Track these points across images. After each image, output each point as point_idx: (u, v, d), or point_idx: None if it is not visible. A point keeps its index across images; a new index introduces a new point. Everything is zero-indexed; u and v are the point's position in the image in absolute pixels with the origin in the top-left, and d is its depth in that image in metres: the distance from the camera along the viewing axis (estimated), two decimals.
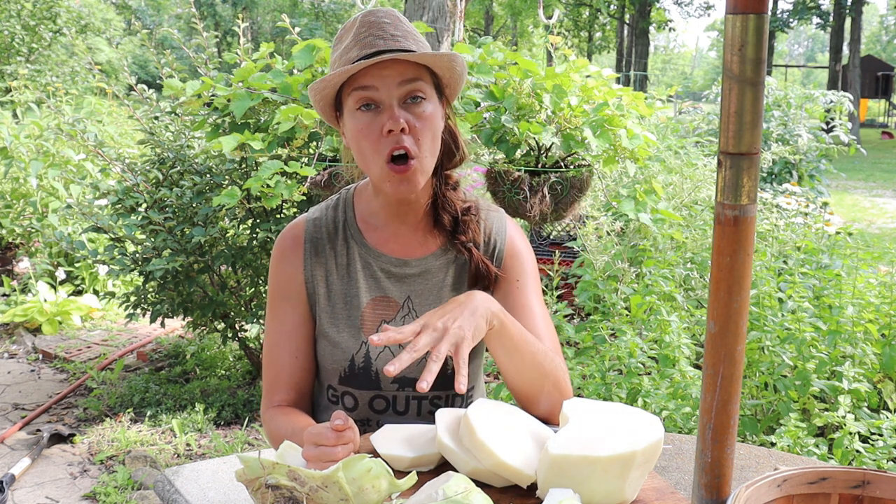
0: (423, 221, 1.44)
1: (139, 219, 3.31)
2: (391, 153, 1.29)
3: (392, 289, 1.42)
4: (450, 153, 1.43)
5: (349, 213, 1.45)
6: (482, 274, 1.44)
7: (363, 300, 1.41)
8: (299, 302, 1.42)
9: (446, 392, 1.44)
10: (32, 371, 4.13)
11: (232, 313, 3.52)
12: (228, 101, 3.03)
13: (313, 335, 1.44)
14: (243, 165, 3.28)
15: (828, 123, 7.22)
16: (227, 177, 3.30)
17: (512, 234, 1.49)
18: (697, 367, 2.83)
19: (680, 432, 2.49)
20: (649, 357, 2.79)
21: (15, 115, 7.00)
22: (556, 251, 4.32)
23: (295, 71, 3.07)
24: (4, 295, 5.21)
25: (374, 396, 1.42)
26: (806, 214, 4.54)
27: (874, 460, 2.30)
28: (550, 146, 3.08)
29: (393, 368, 1.12)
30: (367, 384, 1.41)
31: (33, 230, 5.31)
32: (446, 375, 1.42)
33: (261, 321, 3.42)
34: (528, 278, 1.47)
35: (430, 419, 1.43)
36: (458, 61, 1.33)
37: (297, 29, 3.33)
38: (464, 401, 1.47)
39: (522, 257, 1.48)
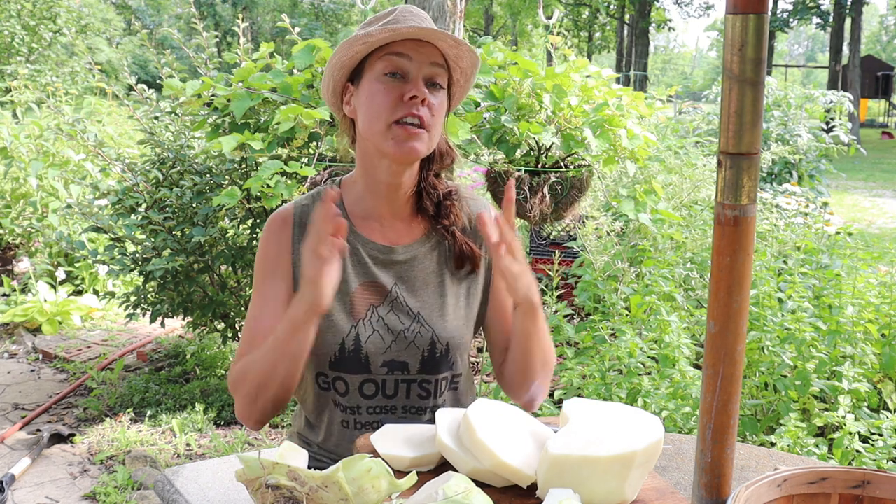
0: (407, 209, 1.49)
1: (139, 219, 3.31)
2: (403, 117, 1.35)
3: (380, 274, 1.45)
4: (438, 154, 1.49)
5: (338, 201, 1.48)
6: (467, 255, 1.48)
7: (352, 285, 1.44)
8: (284, 279, 1.44)
9: (434, 376, 1.46)
10: (32, 371, 4.13)
11: (232, 313, 3.52)
12: (228, 101, 3.03)
13: None
14: (243, 165, 3.28)
15: (828, 123, 7.22)
16: (227, 177, 3.30)
17: None
18: (697, 367, 2.83)
19: (680, 432, 2.49)
20: (649, 357, 2.79)
21: (15, 115, 7.00)
22: (556, 251, 4.32)
23: (295, 71, 3.07)
24: (4, 295, 5.21)
25: (364, 380, 1.44)
26: (806, 214, 4.54)
27: (874, 460, 2.30)
28: (550, 146, 3.08)
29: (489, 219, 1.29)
30: (357, 368, 1.43)
31: (33, 230, 5.31)
32: (435, 360, 1.45)
33: None
34: None
35: (419, 402, 1.45)
36: (476, 64, 1.44)
37: (297, 29, 3.33)
38: (448, 384, 1.50)
39: None
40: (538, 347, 1.44)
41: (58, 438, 3.28)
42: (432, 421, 1.45)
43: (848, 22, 24.57)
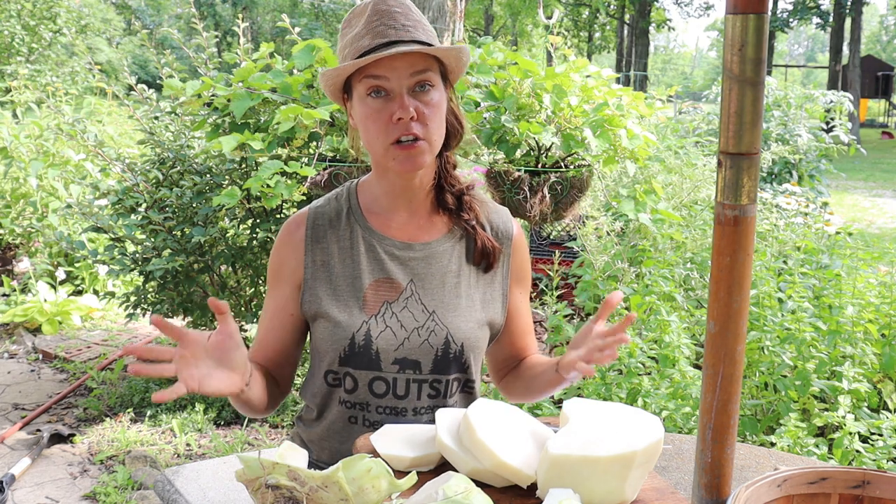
0: (426, 205, 1.48)
1: (139, 219, 3.31)
2: (398, 139, 1.34)
3: (396, 271, 1.44)
4: (453, 133, 1.47)
5: (353, 201, 1.49)
6: (488, 251, 1.48)
7: (365, 281, 1.43)
8: (292, 285, 1.46)
9: (446, 377, 1.45)
10: (32, 371, 4.13)
11: (232, 313, 3.52)
12: (228, 101, 3.03)
13: (294, 323, 1.48)
14: (243, 165, 3.28)
15: (828, 123, 7.22)
16: (227, 177, 3.30)
17: (520, 233, 1.55)
18: (697, 367, 2.83)
19: (680, 432, 2.49)
20: (649, 357, 2.79)
21: (15, 115, 7.00)
22: (556, 251, 4.32)
23: (295, 71, 3.07)
24: (4, 295, 5.21)
25: (373, 378, 1.43)
26: (806, 214, 4.55)
27: (874, 460, 2.30)
28: (550, 146, 3.08)
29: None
30: (367, 364, 1.42)
31: (33, 230, 5.31)
32: (448, 360, 1.44)
33: None
34: (529, 282, 1.58)
35: (430, 403, 1.45)
36: (465, 52, 1.39)
37: (297, 29, 3.33)
38: (461, 386, 1.49)
39: (528, 261, 1.57)
40: (546, 394, 1.53)
41: (58, 438, 3.28)
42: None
43: (848, 22, 24.57)
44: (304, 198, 2.97)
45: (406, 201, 1.46)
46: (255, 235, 3.33)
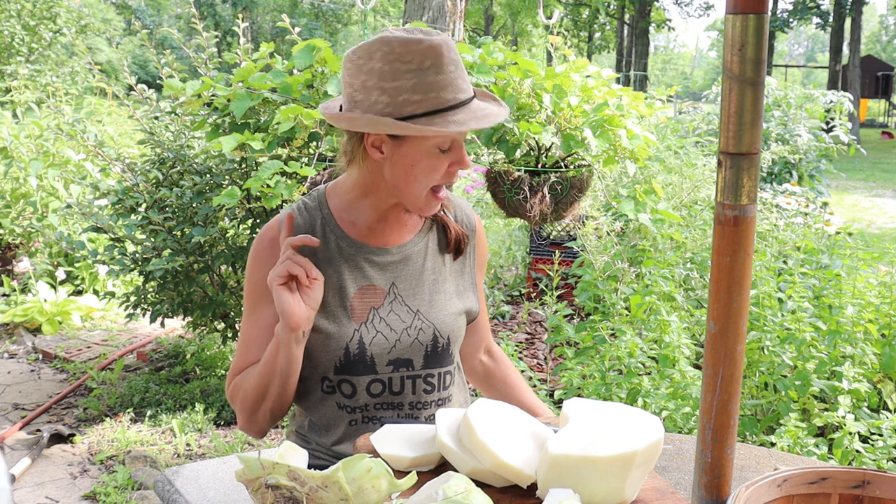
0: (398, 210, 1.51)
1: (139, 219, 3.31)
2: (441, 186, 1.41)
3: (377, 277, 1.47)
4: None
5: (325, 210, 1.49)
6: (459, 239, 1.55)
7: (350, 290, 1.46)
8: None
9: (438, 370, 1.49)
10: (32, 371, 4.13)
11: (232, 313, 3.52)
12: (228, 101, 3.03)
13: None
14: (243, 165, 3.28)
15: (828, 123, 7.21)
16: (227, 177, 3.30)
17: (480, 223, 1.64)
18: (697, 367, 2.83)
19: (680, 432, 2.49)
20: (649, 357, 2.79)
21: (15, 115, 6.99)
22: (556, 251, 4.33)
23: (295, 71, 3.07)
24: (4, 295, 5.21)
25: (371, 381, 1.46)
26: (806, 214, 4.54)
27: (874, 460, 2.30)
28: (550, 146, 3.08)
29: None
30: (363, 370, 1.45)
31: (33, 230, 5.31)
32: (438, 354, 1.48)
33: None
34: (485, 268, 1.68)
35: (425, 397, 1.48)
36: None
37: (297, 29, 3.33)
38: (452, 378, 1.53)
39: (488, 250, 1.66)
40: None
41: (58, 438, 3.28)
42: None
43: (848, 22, 24.57)
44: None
45: (385, 212, 1.48)
46: (254, 235, 3.33)
